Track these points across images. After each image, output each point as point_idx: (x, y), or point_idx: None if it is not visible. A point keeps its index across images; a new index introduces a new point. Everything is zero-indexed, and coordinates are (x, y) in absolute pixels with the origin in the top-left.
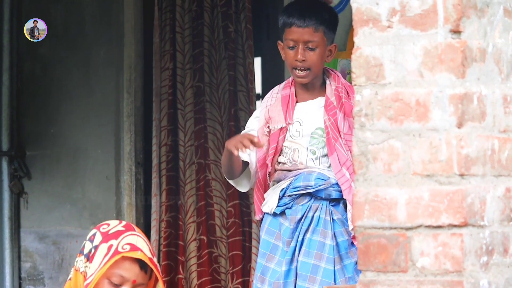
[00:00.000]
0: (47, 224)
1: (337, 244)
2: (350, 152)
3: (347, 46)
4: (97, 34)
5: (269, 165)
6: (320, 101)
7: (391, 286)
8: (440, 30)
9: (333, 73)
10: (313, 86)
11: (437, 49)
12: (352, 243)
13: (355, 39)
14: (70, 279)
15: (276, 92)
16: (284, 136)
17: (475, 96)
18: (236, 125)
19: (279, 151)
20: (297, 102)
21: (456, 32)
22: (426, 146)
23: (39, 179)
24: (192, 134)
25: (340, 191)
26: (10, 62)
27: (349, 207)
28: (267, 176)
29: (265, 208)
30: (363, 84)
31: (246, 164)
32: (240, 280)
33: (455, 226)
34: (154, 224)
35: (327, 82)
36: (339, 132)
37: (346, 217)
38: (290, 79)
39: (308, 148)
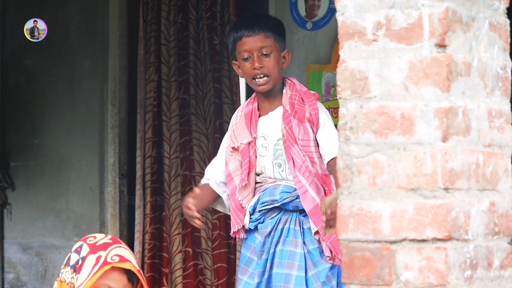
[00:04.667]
0: (31, 235)
1: (308, 251)
2: (308, 158)
3: (331, 59)
4: (81, 46)
5: (245, 179)
6: (279, 111)
7: None
8: (426, 44)
9: (289, 81)
10: (274, 96)
11: (422, 63)
12: (322, 251)
13: (341, 53)
14: None
15: (241, 110)
16: (254, 152)
17: (460, 110)
18: (221, 138)
19: (254, 166)
20: (260, 116)
21: (442, 46)
22: (411, 159)
23: (23, 190)
24: (177, 146)
25: None
26: None
27: (309, 217)
28: (236, 191)
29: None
30: (348, 97)
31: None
32: None
33: (439, 240)
34: (137, 235)
35: (284, 91)
36: (294, 138)
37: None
38: (253, 95)
39: (273, 162)
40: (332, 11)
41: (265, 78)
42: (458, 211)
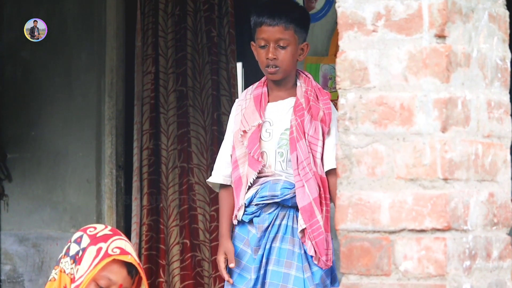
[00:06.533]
0: (27, 226)
1: (305, 252)
2: (312, 155)
3: (329, 51)
4: (79, 38)
5: (258, 159)
6: (290, 101)
7: None
8: (425, 34)
9: (304, 75)
10: (285, 86)
11: (421, 54)
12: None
13: (340, 43)
14: (52, 279)
15: (250, 93)
16: (260, 136)
17: (459, 101)
18: (219, 130)
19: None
20: (268, 101)
21: (441, 36)
22: (410, 150)
23: (19, 181)
24: (175, 138)
25: None
26: None
27: (300, 214)
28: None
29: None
30: (348, 87)
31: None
32: (222, 284)
33: (438, 230)
34: (134, 227)
35: (298, 83)
36: (304, 133)
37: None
38: (263, 79)
39: (276, 151)
40: (329, 3)
41: (276, 68)
42: (457, 202)
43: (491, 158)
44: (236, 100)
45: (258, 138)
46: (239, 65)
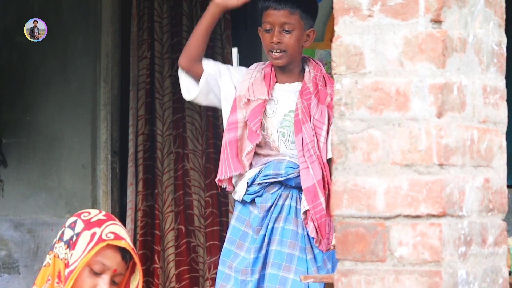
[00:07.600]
0: (23, 212)
1: (307, 233)
2: (317, 139)
3: (325, 36)
4: (74, 23)
5: (256, 131)
6: (297, 85)
7: (369, 275)
8: (421, 19)
9: (314, 62)
10: (291, 72)
11: (417, 39)
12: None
13: (336, 28)
14: (47, 265)
15: (262, 68)
16: (264, 111)
17: (455, 86)
18: (214, 115)
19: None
20: (276, 82)
21: (437, 21)
22: (406, 135)
23: (15, 167)
24: (170, 124)
25: None
26: None
27: (303, 195)
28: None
29: (235, 196)
30: (343, 73)
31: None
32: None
33: (433, 216)
34: (129, 213)
35: (307, 69)
36: (309, 116)
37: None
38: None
39: (278, 130)
40: None
41: (280, 53)
42: (452, 187)
43: (487, 143)
44: (247, 68)
45: (261, 112)
46: (234, 50)
